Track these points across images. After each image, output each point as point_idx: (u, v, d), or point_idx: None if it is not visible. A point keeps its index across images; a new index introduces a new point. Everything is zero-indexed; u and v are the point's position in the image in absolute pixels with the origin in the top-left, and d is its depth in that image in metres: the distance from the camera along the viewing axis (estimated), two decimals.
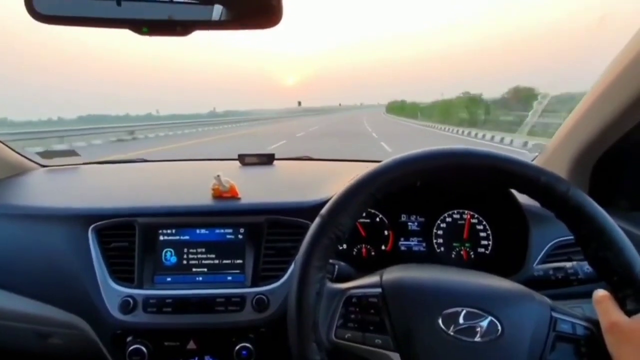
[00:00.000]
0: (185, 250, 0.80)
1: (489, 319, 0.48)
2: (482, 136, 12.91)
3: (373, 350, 0.49)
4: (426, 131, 17.83)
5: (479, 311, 0.49)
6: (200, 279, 0.79)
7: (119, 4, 0.49)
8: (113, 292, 0.76)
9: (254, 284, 0.78)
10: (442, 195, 0.90)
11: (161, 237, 0.80)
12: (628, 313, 0.46)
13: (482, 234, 0.89)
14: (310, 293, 0.49)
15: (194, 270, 0.80)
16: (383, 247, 0.91)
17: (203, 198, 0.87)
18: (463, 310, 0.49)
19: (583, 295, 0.62)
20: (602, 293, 0.49)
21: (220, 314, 0.75)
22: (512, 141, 9.69)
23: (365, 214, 0.90)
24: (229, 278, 0.79)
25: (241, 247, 0.80)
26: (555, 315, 0.49)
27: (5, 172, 1.09)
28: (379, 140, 11.68)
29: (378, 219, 0.91)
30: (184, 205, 0.84)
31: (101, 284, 0.77)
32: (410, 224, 0.91)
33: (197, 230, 0.81)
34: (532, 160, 0.99)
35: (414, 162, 0.53)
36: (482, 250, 0.88)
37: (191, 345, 0.76)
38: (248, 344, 0.75)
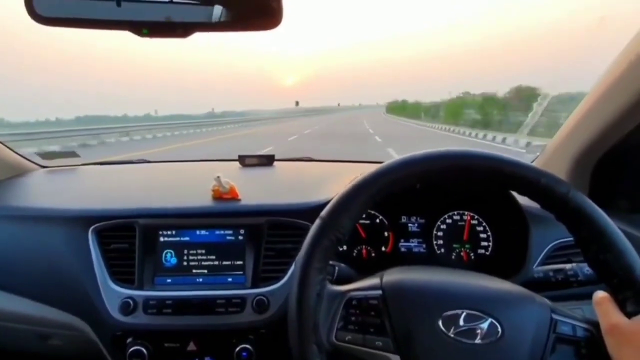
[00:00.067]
0: (186, 251, 0.80)
1: (489, 321, 0.48)
2: (502, 140, 11.24)
3: (373, 352, 0.49)
4: (436, 134, 16.38)
5: (479, 313, 0.49)
6: (201, 280, 0.79)
7: (119, 5, 0.49)
8: (113, 294, 0.76)
9: (254, 285, 0.78)
10: (442, 196, 0.90)
11: (161, 239, 0.80)
12: (628, 315, 0.46)
13: (482, 235, 0.89)
14: (311, 294, 0.49)
15: (194, 271, 0.80)
16: (383, 249, 0.91)
17: (203, 199, 0.87)
18: (463, 312, 0.49)
19: (583, 297, 0.62)
20: (602, 295, 0.49)
21: (221, 315, 0.75)
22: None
23: (365, 215, 0.90)
24: (229, 279, 0.79)
25: (241, 249, 0.80)
26: (555, 317, 0.49)
27: (5, 173, 1.09)
28: (383, 145, 10.81)
29: (378, 220, 0.91)
30: (184, 206, 0.84)
31: (101, 285, 0.77)
32: (410, 225, 0.91)
33: (198, 232, 0.81)
34: (532, 161, 0.99)
35: (414, 164, 0.52)
36: (482, 251, 0.88)
37: (191, 346, 0.76)
38: (248, 345, 0.75)
